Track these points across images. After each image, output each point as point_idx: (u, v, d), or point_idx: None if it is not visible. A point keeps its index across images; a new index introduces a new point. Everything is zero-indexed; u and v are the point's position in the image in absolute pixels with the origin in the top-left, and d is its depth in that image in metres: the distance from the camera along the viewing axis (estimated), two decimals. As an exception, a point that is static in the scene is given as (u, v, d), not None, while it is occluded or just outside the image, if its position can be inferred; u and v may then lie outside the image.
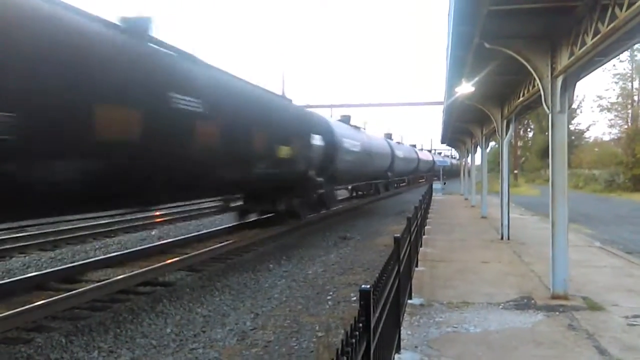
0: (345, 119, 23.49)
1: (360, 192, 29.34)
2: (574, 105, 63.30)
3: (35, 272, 9.71)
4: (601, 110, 57.59)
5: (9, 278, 9.19)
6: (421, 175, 52.93)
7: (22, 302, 7.43)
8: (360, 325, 2.75)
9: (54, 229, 14.70)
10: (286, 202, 15.11)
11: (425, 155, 52.82)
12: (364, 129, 25.71)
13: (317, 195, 16.82)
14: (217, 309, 7.81)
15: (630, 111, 57.01)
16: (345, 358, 2.28)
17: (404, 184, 43.50)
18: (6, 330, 6.38)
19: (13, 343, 6.10)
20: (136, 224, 16.72)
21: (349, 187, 26.49)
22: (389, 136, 37.06)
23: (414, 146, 51.78)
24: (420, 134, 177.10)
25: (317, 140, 16.09)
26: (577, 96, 65.71)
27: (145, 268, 9.45)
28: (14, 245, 12.29)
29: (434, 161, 54.78)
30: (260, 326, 6.94)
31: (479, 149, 23.43)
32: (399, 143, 39.22)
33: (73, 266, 9.87)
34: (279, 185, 14.25)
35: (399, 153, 33.44)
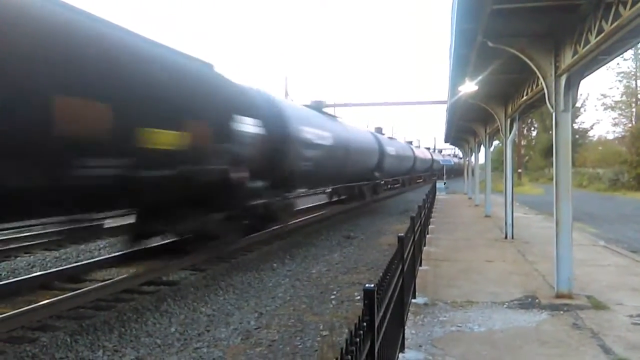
0: (317, 104, 19.04)
1: (341, 197, 24.81)
2: (578, 104, 63.15)
3: (40, 271, 9.74)
4: (605, 109, 57.61)
5: (14, 277, 9.23)
6: (418, 176, 48.96)
7: (27, 302, 7.46)
8: (365, 324, 2.75)
9: (58, 229, 14.72)
10: (198, 220, 10.14)
11: (423, 153, 48.02)
12: (341, 118, 21.37)
13: (259, 207, 12.01)
14: (221, 308, 7.82)
15: (634, 109, 56.93)
16: (349, 357, 2.29)
17: (397, 185, 39.44)
18: (11, 330, 6.41)
19: (18, 342, 6.13)
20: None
21: (328, 190, 22.62)
22: (379, 130, 32.88)
23: (410, 143, 48.64)
24: (423, 133, 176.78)
25: (249, 126, 11.16)
26: (581, 95, 65.43)
27: (150, 267, 9.46)
28: (18, 245, 12.33)
29: (432, 160, 52.50)
30: (264, 325, 6.95)
31: (482, 148, 23.37)
32: (390, 138, 34.65)
33: (77, 265, 9.89)
34: (171, 195, 9.26)
35: (390, 150, 28.51)
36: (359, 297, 8.19)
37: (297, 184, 15.39)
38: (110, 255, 10.85)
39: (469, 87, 11.94)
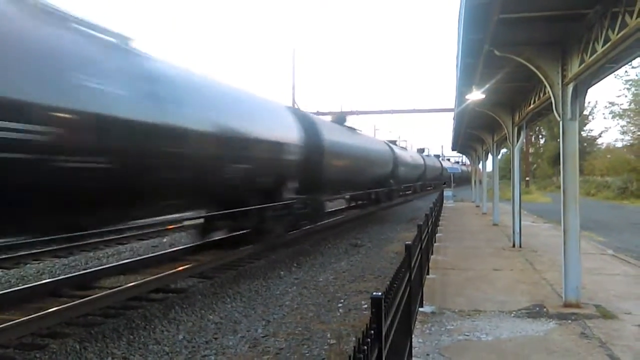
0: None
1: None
2: (586, 112, 62.94)
3: (49, 278, 9.82)
4: (613, 117, 57.01)
5: (24, 285, 9.31)
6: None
7: (37, 309, 7.51)
8: (372, 332, 2.76)
9: (66, 235, 14.84)
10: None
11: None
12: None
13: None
14: (229, 315, 7.85)
15: (643, 117, 56.46)
16: (357, 365, 2.31)
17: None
18: (21, 337, 6.46)
19: (28, 349, 6.18)
20: (147, 231, 16.82)
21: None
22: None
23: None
24: (430, 141, 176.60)
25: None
26: (589, 103, 65.36)
27: (157, 275, 9.52)
28: (28, 252, 12.43)
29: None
30: (271, 333, 6.97)
31: (490, 156, 23.33)
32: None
33: (86, 273, 9.96)
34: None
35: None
36: (366, 306, 8.19)
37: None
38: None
39: (476, 95, 11.95)
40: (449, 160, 74.84)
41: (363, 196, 25.27)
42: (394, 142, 35.57)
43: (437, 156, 64.19)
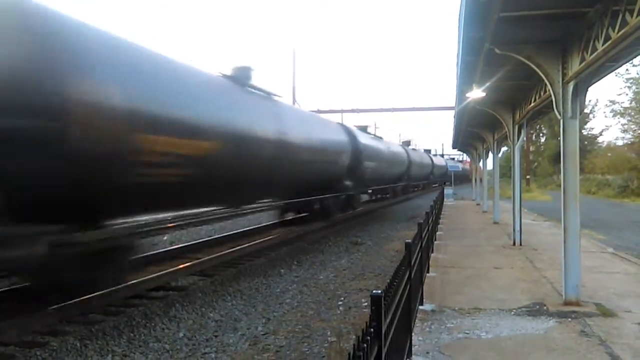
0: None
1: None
2: (587, 110, 62.82)
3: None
4: (614, 115, 56.86)
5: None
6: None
7: (37, 306, 7.50)
8: (372, 330, 2.77)
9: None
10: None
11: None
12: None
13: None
14: (229, 313, 7.86)
15: (644, 116, 56.34)
16: (356, 363, 2.32)
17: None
18: (22, 334, 6.47)
19: (29, 347, 6.19)
20: (147, 229, 16.77)
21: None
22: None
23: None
24: (431, 139, 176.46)
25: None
26: (589, 101, 65.28)
27: (158, 273, 9.52)
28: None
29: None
30: (272, 331, 6.98)
31: (490, 154, 23.31)
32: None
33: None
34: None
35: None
36: (366, 304, 8.20)
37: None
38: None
39: (477, 93, 11.94)
40: (453, 159, 75.16)
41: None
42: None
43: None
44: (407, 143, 41.16)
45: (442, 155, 70.72)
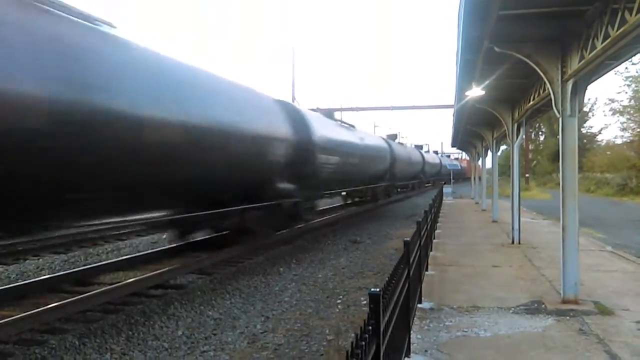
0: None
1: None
2: (586, 109, 62.84)
3: (48, 274, 9.83)
4: (613, 114, 56.82)
5: (23, 280, 9.32)
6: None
7: (36, 304, 7.51)
8: (370, 328, 2.77)
9: (65, 232, 14.85)
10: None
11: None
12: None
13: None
14: (228, 312, 7.86)
15: (643, 114, 56.32)
16: (354, 361, 2.32)
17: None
18: (20, 332, 6.47)
19: (27, 344, 6.19)
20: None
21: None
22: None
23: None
24: (430, 137, 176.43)
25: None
26: (589, 99, 65.26)
27: (157, 271, 9.52)
28: (27, 247, 12.43)
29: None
30: (270, 329, 6.98)
31: (489, 153, 23.32)
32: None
33: (86, 269, 9.96)
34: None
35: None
36: (365, 302, 8.20)
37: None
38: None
39: (476, 91, 11.95)
40: (449, 157, 74.74)
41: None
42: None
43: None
44: (392, 137, 34.52)
45: (437, 152, 67.31)
